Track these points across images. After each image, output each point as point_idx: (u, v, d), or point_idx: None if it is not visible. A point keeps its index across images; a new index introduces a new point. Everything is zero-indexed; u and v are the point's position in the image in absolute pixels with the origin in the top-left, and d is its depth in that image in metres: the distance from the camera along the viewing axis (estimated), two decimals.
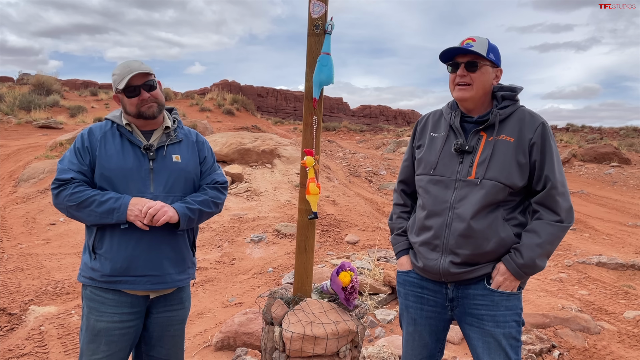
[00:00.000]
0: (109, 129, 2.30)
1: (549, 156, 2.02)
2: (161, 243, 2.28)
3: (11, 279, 5.67)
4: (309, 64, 2.53)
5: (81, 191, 2.18)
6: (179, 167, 2.34)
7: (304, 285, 2.71)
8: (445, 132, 2.18)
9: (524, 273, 2.01)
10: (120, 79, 2.24)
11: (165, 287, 2.33)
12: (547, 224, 2.00)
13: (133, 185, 2.22)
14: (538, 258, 1.99)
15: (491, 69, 2.08)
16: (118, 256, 2.20)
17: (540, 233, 1.99)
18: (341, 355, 2.48)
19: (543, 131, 2.02)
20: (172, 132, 2.40)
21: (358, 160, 17.04)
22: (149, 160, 2.27)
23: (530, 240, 2.00)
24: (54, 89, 26.63)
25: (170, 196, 2.28)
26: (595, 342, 4.15)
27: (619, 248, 8.36)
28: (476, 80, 2.05)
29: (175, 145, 2.39)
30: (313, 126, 2.57)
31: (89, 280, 2.25)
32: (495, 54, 2.08)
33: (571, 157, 19.82)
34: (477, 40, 2.05)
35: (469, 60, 2.05)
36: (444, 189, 2.11)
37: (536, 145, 2.01)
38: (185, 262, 2.41)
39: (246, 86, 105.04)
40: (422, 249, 2.17)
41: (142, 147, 2.27)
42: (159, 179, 2.27)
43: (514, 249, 2.03)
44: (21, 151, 13.50)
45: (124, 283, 2.23)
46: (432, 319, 2.26)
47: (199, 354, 3.96)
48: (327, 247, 7.14)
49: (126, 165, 2.23)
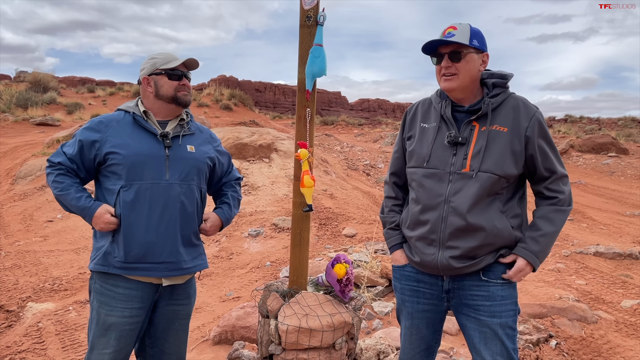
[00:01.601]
0: (122, 118, 2.33)
1: (548, 145, 2.03)
2: (176, 230, 2.30)
3: (9, 276, 5.67)
4: (302, 55, 2.52)
5: (61, 182, 2.23)
6: (193, 156, 2.38)
7: (300, 278, 2.71)
8: (436, 122, 2.14)
9: (539, 260, 2.05)
10: (166, 61, 2.32)
11: (180, 274, 2.35)
12: (559, 210, 2.05)
13: (148, 171, 2.24)
14: (551, 245, 2.06)
15: (476, 55, 2.04)
16: (134, 242, 2.21)
17: (555, 221, 2.04)
18: (337, 347, 2.48)
19: (539, 122, 2.02)
20: (186, 124, 2.44)
21: (356, 153, 17.03)
22: (165, 147, 2.30)
23: (546, 228, 2.03)
24: (51, 87, 26.55)
25: (185, 184, 2.32)
26: (593, 331, 4.16)
27: (617, 238, 8.37)
28: (461, 69, 2.02)
29: (190, 137, 2.43)
30: (306, 118, 2.56)
31: (104, 267, 2.24)
32: (479, 39, 2.03)
33: (569, 147, 19.79)
34: (458, 28, 2.00)
35: (452, 50, 2.01)
36: (438, 182, 2.08)
37: (532, 137, 2.00)
38: (198, 249, 2.46)
39: (244, 81, 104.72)
40: (419, 243, 2.15)
41: (159, 134, 2.31)
42: (174, 166, 2.30)
43: (529, 238, 2.04)
44: (18, 149, 13.47)
45: (140, 270, 2.24)
46: (428, 312, 2.25)
47: (197, 349, 3.97)
48: (324, 240, 7.14)
49: (142, 151, 2.25)
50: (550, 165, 2.04)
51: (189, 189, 2.33)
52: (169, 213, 2.25)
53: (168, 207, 2.25)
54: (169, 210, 2.25)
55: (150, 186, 2.23)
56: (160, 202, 2.24)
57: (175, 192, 2.27)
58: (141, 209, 2.21)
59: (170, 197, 2.26)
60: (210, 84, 46.63)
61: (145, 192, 2.22)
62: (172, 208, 2.26)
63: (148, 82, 2.34)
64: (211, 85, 40.29)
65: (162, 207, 2.24)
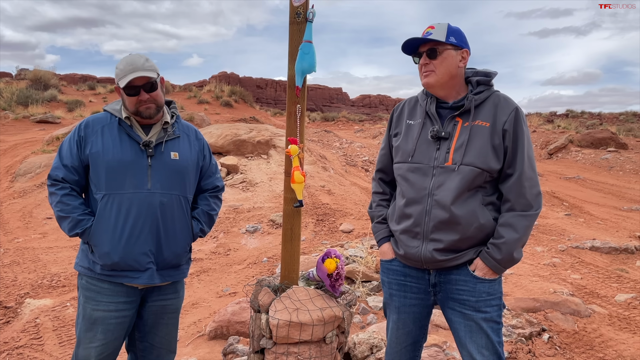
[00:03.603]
0: (108, 122, 2.32)
1: (520, 142, 2.03)
2: (158, 239, 2.31)
3: (7, 273, 5.71)
4: (291, 52, 2.53)
5: (67, 203, 2.25)
6: (177, 164, 2.36)
7: (291, 273, 2.73)
8: (421, 118, 2.18)
9: (503, 267, 2.05)
10: (122, 75, 2.24)
11: (162, 281, 2.37)
12: (521, 216, 2.02)
13: (130, 180, 2.24)
14: (515, 251, 2.03)
15: (454, 52, 2.08)
16: (113, 253, 2.23)
17: (517, 227, 2.01)
18: (327, 341, 2.51)
19: (516, 116, 2.04)
20: (170, 127, 2.41)
21: (355, 149, 17.04)
22: (148, 156, 2.28)
23: (508, 235, 2.01)
24: (51, 84, 26.59)
25: (167, 194, 2.31)
26: (585, 325, 4.19)
27: (613, 232, 8.39)
28: (438, 66, 2.07)
29: (175, 141, 2.40)
30: (297, 115, 2.58)
31: (87, 270, 2.29)
32: (457, 37, 2.08)
33: (568, 142, 19.77)
34: (436, 27, 2.08)
35: (429, 48, 2.09)
36: (422, 176, 2.12)
37: (509, 130, 2.03)
38: (181, 258, 2.45)
39: (245, 78, 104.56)
40: (403, 237, 2.19)
41: (142, 143, 2.29)
42: (156, 175, 2.29)
43: (491, 245, 2.04)
44: (18, 146, 13.50)
45: (123, 277, 2.26)
46: (415, 307, 2.28)
47: (192, 343, 4.00)
48: (322, 236, 7.17)
49: (124, 159, 2.24)
50: (519, 159, 2.02)
51: (171, 199, 2.32)
52: (149, 223, 2.26)
53: (148, 217, 2.25)
54: (149, 220, 2.26)
55: (131, 196, 2.23)
56: (141, 212, 2.24)
57: (156, 201, 2.27)
58: (119, 220, 2.23)
59: (151, 206, 2.26)
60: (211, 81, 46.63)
61: (125, 202, 2.23)
62: (152, 217, 2.26)
63: (119, 92, 2.33)
64: (212, 81, 40.31)
65: (142, 217, 2.25)
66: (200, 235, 2.55)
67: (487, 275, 2.07)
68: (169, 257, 2.35)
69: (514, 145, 2.03)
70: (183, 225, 2.40)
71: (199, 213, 2.53)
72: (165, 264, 2.36)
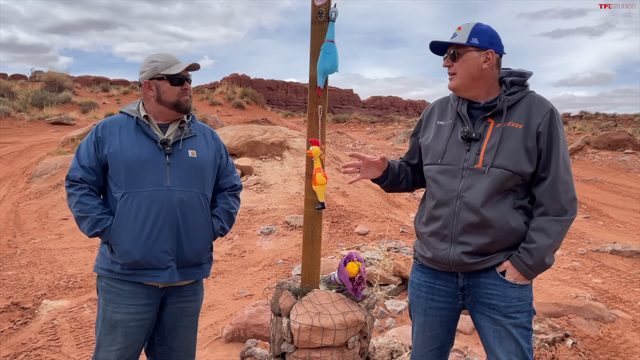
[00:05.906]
0: (125, 123, 2.32)
1: (555, 145, 1.97)
2: (179, 237, 2.30)
3: (24, 274, 5.73)
4: (313, 52, 2.49)
5: (85, 203, 2.24)
6: (194, 162, 2.36)
7: (312, 276, 2.69)
8: (452, 119, 2.15)
9: (534, 273, 2.00)
10: (167, 65, 2.28)
11: (182, 280, 2.36)
12: (555, 221, 1.96)
13: (149, 177, 2.24)
14: (547, 257, 1.98)
15: (476, 53, 2.03)
16: (134, 252, 2.21)
17: (550, 232, 1.96)
18: (350, 346, 2.46)
19: (551, 117, 1.98)
20: (187, 126, 2.41)
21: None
22: (166, 154, 2.29)
23: (540, 240, 1.95)
24: (65, 86, 26.90)
25: (187, 191, 2.30)
26: (610, 330, 4.09)
27: (634, 236, 8.24)
28: (458, 68, 2.06)
29: (192, 140, 2.41)
30: (318, 115, 2.54)
31: (106, 272, 2.28)
32: (481, 37, 2.02)
33: (584, 144, 19.52)
34: (462, 28, 2.06)
35: (452, 50, 2.07)
36: (451, 177, 2.07)
37: (543, 132, 1.97)
38: (202, 256, 2.44)
39: (256, 79, 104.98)
40: (432, 239, 2.14)
41: (159, 141, 2.29)
42: (175, 173, 2.29)
43: (522, 249, 1.99)
44: (34, 147, 13.63)
45: (144, 276, 2.25)
46: (443, 310, 2.23)
47: (209, 346, 3.98)
48: (337, 238, 7.12)
49: (143, 157, 2.24)
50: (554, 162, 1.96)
51: (191, 196, 2.32)
52: (169, 221, 2.25)
53: (168, 215, 2.24)
54: (169, 218, 2.25)
55: (151, 193, 2.23)
56: (161, 210, 2.23)
57: (176, 198, 2.26)
58: (139, 218, 2.22)
59: (171, 204, 2.25)
60: (223, 83, 46.82)
61: (145, 200, 2.22)
62: (172, 215, 2.25)
63: (149, 86, 2.32)
64: (224, 83, 40.47)
65: (163, 214, 2.24)
66: (221, 233, 2.53)
67: (518, 280, 2.01)
68: (189, 254, 2.34)
69: (548, 147, 1.97)
70: (203, 222, 2.39)
71: (219, 211, 2.52)
72: (186, 262, 2.34)
